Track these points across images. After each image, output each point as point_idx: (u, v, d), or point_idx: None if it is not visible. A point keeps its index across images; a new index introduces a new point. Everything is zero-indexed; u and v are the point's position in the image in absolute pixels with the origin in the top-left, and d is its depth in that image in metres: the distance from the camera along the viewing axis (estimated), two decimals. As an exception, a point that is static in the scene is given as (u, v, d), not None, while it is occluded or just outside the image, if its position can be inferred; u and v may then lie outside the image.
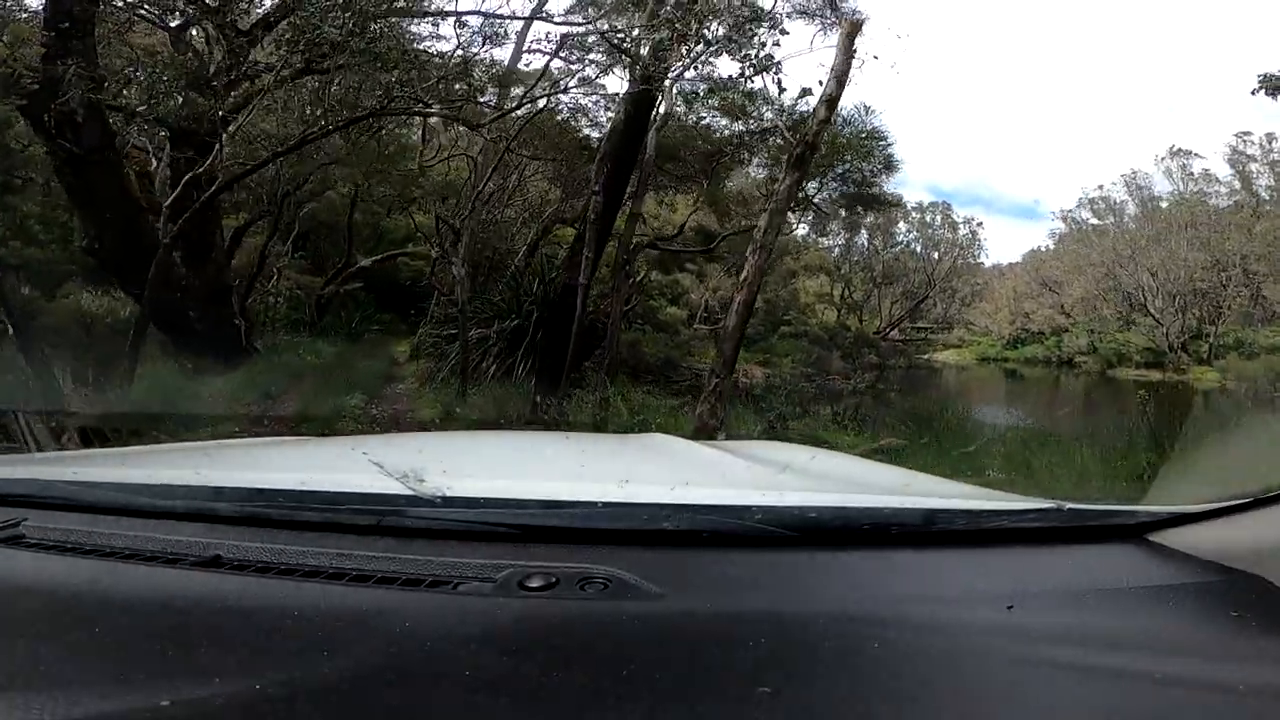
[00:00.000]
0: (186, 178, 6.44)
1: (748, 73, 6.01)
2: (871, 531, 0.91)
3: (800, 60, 20.15)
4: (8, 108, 6.35)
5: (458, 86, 6.87)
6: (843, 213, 17.87)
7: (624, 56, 7.02)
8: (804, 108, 10.19)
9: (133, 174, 8.23)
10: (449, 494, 0.90)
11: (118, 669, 0.61)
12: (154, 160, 9.25)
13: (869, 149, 12.81)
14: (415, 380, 8.94)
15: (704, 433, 4.94)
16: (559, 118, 10.33)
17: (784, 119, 7.93)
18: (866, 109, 12.49)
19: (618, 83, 10.20)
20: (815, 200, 13.59)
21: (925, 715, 0.60)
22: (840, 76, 5.44)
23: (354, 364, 8.78)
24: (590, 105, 10.94)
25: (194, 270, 8.62)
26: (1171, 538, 0.91)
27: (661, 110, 8.47)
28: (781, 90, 6.25)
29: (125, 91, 8.15)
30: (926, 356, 26.52)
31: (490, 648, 0.65)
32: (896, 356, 24.31)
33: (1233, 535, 0.86)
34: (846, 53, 5.43)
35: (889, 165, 13.96)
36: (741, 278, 5.66)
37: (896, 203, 17.67)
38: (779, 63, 6.08)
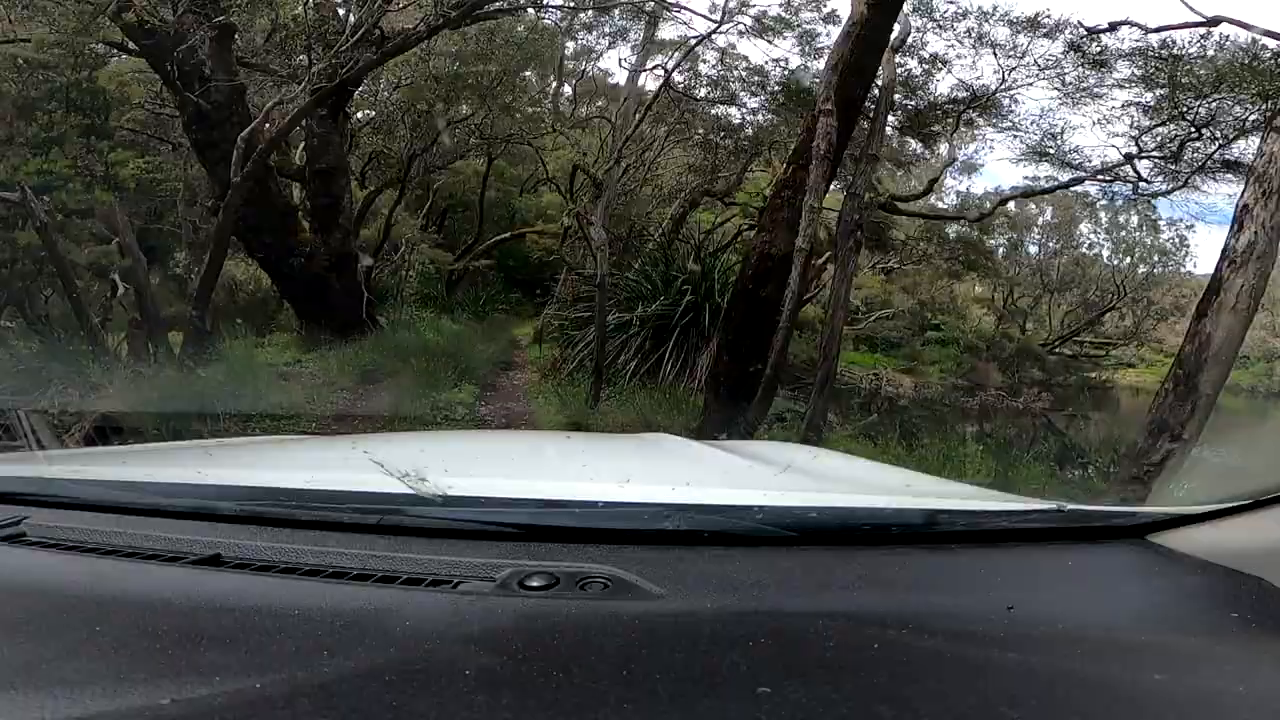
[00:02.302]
0: (267, 109, 5.81)
1: None
2: (872, 532, 0.91)
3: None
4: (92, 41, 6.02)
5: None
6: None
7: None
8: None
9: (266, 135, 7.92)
10: (450, 493, 0.89)
11: (118, 668, 0.60)
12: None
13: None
14: (536, 371, 8.04)
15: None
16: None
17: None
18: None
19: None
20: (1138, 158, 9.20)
21: (925, 716, 0.56)
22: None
23: (473, 346, 7.96)
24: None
25: (320, 235, 8.24)
26: (1172, 539, 0.91)
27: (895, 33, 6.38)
28: None
29: (262, 47, 7.92)
30: (1103, 375, 23.39)
31: (490, 647, 0.64)
32: (1065, 373, 21.49)
33: (1233, 536, 0.86)
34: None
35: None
36: (1237, 245, 3.49)
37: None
38: None
